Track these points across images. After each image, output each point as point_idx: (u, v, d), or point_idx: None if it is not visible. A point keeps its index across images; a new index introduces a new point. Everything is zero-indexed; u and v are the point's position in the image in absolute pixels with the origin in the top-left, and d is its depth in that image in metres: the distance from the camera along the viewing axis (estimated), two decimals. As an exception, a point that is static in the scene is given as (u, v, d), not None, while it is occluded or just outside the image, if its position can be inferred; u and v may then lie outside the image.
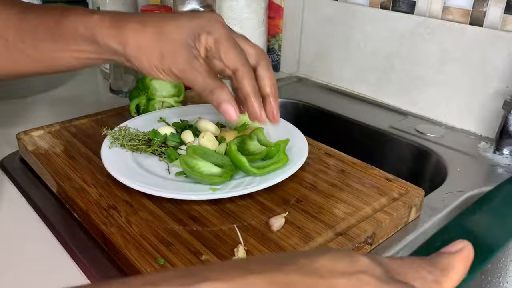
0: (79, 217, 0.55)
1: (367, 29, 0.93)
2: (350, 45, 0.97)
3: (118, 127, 0.65)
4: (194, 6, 0.92)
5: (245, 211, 0.53)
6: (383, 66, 0.93)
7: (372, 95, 0.97)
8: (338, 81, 1.03)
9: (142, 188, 0.54)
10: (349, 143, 0.90)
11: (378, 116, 0.90)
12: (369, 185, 0.59)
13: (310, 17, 1.04)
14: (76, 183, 0.58)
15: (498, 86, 0.78)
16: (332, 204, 0.55)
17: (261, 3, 1.02)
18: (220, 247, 0.48)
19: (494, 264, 0.70)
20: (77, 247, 0.52)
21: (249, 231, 0.50)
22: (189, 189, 0.54)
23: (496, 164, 0.73)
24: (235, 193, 0.54)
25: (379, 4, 0.92)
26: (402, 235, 0.56)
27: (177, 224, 0.51)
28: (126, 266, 0.47)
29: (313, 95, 1.00)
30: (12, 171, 0.66)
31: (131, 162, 0.60)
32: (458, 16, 0.81)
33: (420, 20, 0.85)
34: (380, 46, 0.92)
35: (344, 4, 0.96)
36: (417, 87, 0.88)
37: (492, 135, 0.80)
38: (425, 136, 0.81)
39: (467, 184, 0.67)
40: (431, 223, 0.58)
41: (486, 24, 0.78)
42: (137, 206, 0.54)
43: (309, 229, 0.50)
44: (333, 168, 0.63)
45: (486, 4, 0.77)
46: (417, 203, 0.57)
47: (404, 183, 0.60)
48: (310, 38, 1.06)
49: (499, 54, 0.76)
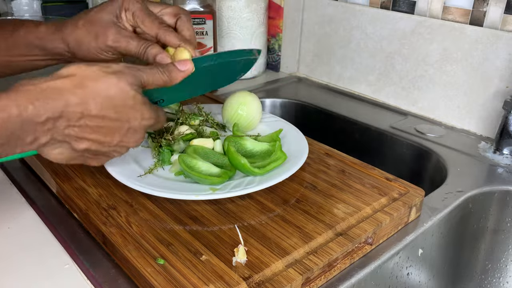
0: (79, 217, 0.55)
1: (367, 29, 0.93)
2: (350, 45, 0.97)
3: None
4: (194, 6, 0.92)
5: (245, 211, 0.53)
6: (383, 66, 0.93)
7: (372, 95, 0.97)
8: (338, 81, 1.03)
9: (142, 188, 0.54)
10: (349, 143, 0.90)
11: (378, 116, 0.90)
12: (369, 185, 0.59)
13: (310, 17, 1.04)
14: (76, 183, 0.58)
15: (498, 86, 0.78)
16: (332, 204, 0.55)
17: (261, 3, 1.02)
18: (220, 247, 0.48)
19: (494, 264, 0.70)
20: (77, 247, 0.52)
21: (249, 231, 0.50)
22: (189, 189, 0.54)
23: (496, 164, 0.73)
24: (235, 193, 0.53)
25: (379, 4, 0.92)
26: (402, 235, 0.56)
27: (177, 224, 0.51)
28: (126, 266, 0.47)
29: (313, 95, 1.00)
30: (12, 171, 0.66)
31: (131, 162, 0.60)
32: (458, 16, 0.81)
33: (420, 20, 0.85)
34: (380, 46, 0.92)
35: (344, 4, 0.96)
36: (417, 87, 0.88)
37: (492, 135, 0.80)
38: (425, 136, 0.81)
39: (467, 184, 0.67)
40: (431, 223, 0.58)
41: (486, 24, 0.78)
42: (137, 206, 0.54)
43: (309, 229, 0.50)
44: (333, 168, 0.63)
45: (486, 4, 0.77)
46: (417, 203, 0.57)
47: (404, 183, 0.60)
48: (310, 38, 1.06)
49: (499, 54, 0.76)
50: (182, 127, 0.64)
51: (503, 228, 0.68)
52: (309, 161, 0.64)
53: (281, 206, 0.54)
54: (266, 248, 0.47)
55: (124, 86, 0.45)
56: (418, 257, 0.59)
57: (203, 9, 0.92)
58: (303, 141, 0.65)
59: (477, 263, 0.70)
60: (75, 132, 0.44)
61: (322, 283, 0.48)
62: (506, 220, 0.67)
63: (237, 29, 1.02)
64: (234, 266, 0.45)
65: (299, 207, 0.54)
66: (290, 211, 0.53)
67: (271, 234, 0.50)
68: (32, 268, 0.49)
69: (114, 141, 0.47)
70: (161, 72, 0.50)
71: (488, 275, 0.71)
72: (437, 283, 0.65)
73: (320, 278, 0.47)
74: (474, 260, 0.70)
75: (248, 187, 0.54)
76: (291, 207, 0.54)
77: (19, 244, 0.52)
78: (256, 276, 0.44)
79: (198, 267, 0.45)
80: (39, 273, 0.48)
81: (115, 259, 0.50)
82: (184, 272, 0.44)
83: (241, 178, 0.57)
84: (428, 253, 0.60)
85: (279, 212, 0.53)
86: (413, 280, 0.60)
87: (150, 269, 0.45)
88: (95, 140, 0.46)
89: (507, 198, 0.67)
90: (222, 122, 0.71)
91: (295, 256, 0.47)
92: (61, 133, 0.44)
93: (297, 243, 0.48)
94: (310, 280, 0.46)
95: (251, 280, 0.43)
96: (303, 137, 0.67)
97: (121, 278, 0.48)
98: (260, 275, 0.44)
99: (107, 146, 0.47)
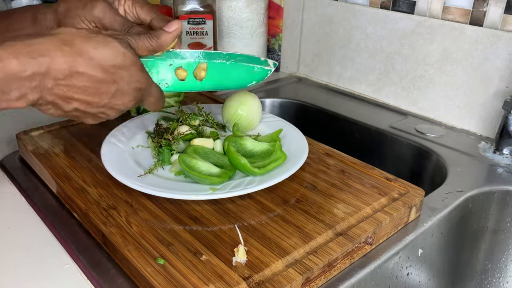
0: (79, 217, 0.55)
1: (367, 29, 0.93)
2: (350, 45, 0.97)
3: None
4: (194, 6, 0.92)
5: (245, 211, 0.53)
6: (383, 66, 0.93)
7: (372, 95, 0.97)
8: (338, 81, 1.03)
9: (142, 188, 0.54)
10: (349, 143, 0.90)
11: (378, 116, 0.90)
12: (369, 185, 0.59)
13: (310, 17, 1.04)
14: (76, 183, 0.58)
15: (498, 86, 0.78)
16: (332, 204, 0.55)
17: (261, 3, 1.02)
18: (220, 247, 0.48)
19: (494, 264, 0.70)
20: (77, 247, 0.52)
21: (249, 231, 0.50)
22: (189, 189, 0.54)
23: (496, 164, 0.73)
24: (235, 193, 0.54)
25: (379, 4, 0.92)
26: (402, 235, 0.56)
27: (177, 224, 0.51)
28: (126, 266, 0.47)
29: (313, 95, 1.00)
30: (12, 171, 0.66)
31: (131, 162, 0.60)
32: (458, 16, 0.81)
33: (420, 20, 0.85)
34: (380, 46, 0.92)
35: (344, 4, 0.96)
36: (417, 87, 0.88)
37: (492, 135, 0.80)
38: (425, 136, 0.81)
39: (467, 184, 0.67)
40: (431, 223, 0.58)
41: (486, 24, 0.78)
42: (137, 206, 0.54)
43: (309, 229, 0.50)
44: (333, 168, 0.63)
45: (486, 4, 0.77)
46: (417, 203, 0.57)
47: (404, 183, 0.60)
48: (310, 38, 1.06)
49: (499, 54, 0.76)
50: (182, 127, 0.64)
51: (503, 228, 0.68)
52: (309, 161, 0.64)
53: (281, 206, 0.54)
54: (266, 248, 0.47)
55: (114, 44, 0.46)
56: (418, 257, 0.59)
57: (203, 9, 0.92)
58: (303, 141, 0.65)
59: (477, 263, 0.70)
60: (63, 92, 0.44)
61: (322, 283, 0.48)
62: (506, 220, 0.67)
63: (237, 29, 1.02)
64: (234, 266, 0.45)
65: (299, 207, 0.54)
66: (290, 211, 0.53)
67: (271, 234, 0.50)
68: (32, 268, 0.49)
69: (102, 102, 0.47)
70: (148, 38, 0.50)
71: (488, 275, 0.71)
72: (437, 283, 0.65)
73: (320, 278, 0.47)
74: (474, 260, 0.70)
75: (248, 187, 0.54)
76: (291, 207, 0.54)
77: (19, 244, 0.52)
78: (256, 276, 0.44)
79: (198, 267, 0.45)
80: (39, 273, 0.48)
81: (115, 259, 0.50)
82: (184, 272, 0.44)
83: (241, 178, 0.57)
84: (428, 253, 0.60)
85: (279, 212, 0.53)
86: (413, 280, 0.60)
87: (150, 269, 0.45)
88: (83, 101, 0.46)
89: (507, 198, 0.67)
90: (222, 122, 0.71)
91: (295, 256, 0.47)
92: (49, 92, 0.44)
93: (297, 243, 0.48)
94: (310, 280, 0.46)
95: (251, 280, 0.43)
96: (303, 137, 0.67)
97: (121, 278, 0.48)
98: (260, 275, 0.44)
99: (95, 107, 0.47)
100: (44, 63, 0.42)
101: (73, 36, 0.44)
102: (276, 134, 0.65)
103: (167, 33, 0.52)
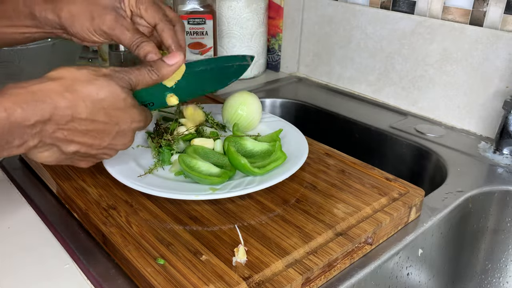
0: (79, 217, 0.55)
1: (367, 29, 0.93)
2: (350, 45, 0.97)
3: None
4: (194, 6, 0.92)
5: (245, 211, 0.53)
6: (383, 66, 0.93)
7: (372, 95, 0.97)
8: (338, 81, 1.03)
9: (142, 188, 0.54)
10: (349, 143, 0.90)
11: (378, 116, 0.90)
12: (369, 185, 0.59)
13: (310, 17, 1.04)
14: (76, 183, 0.58)
15: (498, 86, 0.78)
16: (332, 204, 0.55)
17: (261, 3, 1.02)
18: (220, 247, 0.48)
19: (494, 264, 0.70)
20: (77, 247, 0.52)
21: (249, 231, 0.50)
22: (189, 189, 0.54)
23: (496, 164, 0.73)
24: (235, 193, 0.54)
25: (379, 4, 0.92)
26: (402, 235, 0.56)
27: (177, 224, 0.51)
28: (126, 266, 0.47)
29: (313, 95, 1.00)
30: (12, 171, 0.66)
31: (131, 162, 0.60)
32: (458, 16, 0.81)
33: (420, 20, 0.85)
34: (380, 46, 0.92)
35: (344, 4, 0.96)
36: (417, 87, 0.88)
37: (492, 135, 0.80)
38: (425, 136, 0.81)
39: (467, 184, 0.67)
40: (431, 223, 0.58)
41: (486, 24, 0.78)
42: (137, 206, 0.54)
43: (309, 229, 0.50)
44: (333, 168, 0.63)
45: (486, 4, 0.77)
46: (417, 203, 0.57)
47: (404, 183, 0.60)
48: (310, 38, 1.06)
49: (499, 54, 0.76)
50: (182, 127, 0.64)
51: (503, 228, 0.68)
52: (309, 161, 0.64)
53: (281, 206, 0.54)
54: (266, 248, 0.47)
55: (114, 88, 0.45)
56: (418, 257, 0.59)
57: (203, 9, 0.92)
58: (303, 141, 0.65)
59: (477, 263, 0.70)
60: (64, 135, 0.44)
61: (322, 283, 0.48)
62: (506, 220, 0.67)
63: (237, 29, 1.02)
64: (234, 266, 0.45)
65: (299, 207, 0.54)
66: (290, 211, 0.53)
67: (271, 234, 0.50)
68: (32, 268, 0.49)
69: (103, 144, 0.47)
70: (149, 71, 0.50)
71: (488, 275, 0.71)
72: (437, 283, 0.65)
73: (320, 278, 0.47)
74: (474, 260, 0.70)
75: (248, 187, 0.54)
76: (291, 207, 0.54)
77: (19, 244, 0.52)
78: (256, 276, 0.44)
79: (198, 267, 0.45)
80: (39, 273, 0.48)
81: (115, 259, 0.50)
82: (184, 272, 0.44)
83: (241, 178, 0.57)
84: (428, 253, 0.60)
85: (279, 212, 0.53)
86: (413, 280, 0.60)
87: (150, 269, 0.45)
88: (84, 143, 0.46)
89: (507, 198, 0.67)
90: (222, 122, 0.71)
91: (295, 256, 0.47)
92: (49, 136, 0.43)
93: (297, 243, 0.48)
94: (310, 280, 0.46)
95: (251, 280, 0.43)
96: (303, 137, 0.67)
97: (121, 278, 0.48)
98: (260, 275, 0.44)
99: (96, 149, 0.47)
100: (47, 111, 0.42)
101: (74, 80, 0.44)
102: (276, 134, 0.65)
103: (168, 66, 0.51)
